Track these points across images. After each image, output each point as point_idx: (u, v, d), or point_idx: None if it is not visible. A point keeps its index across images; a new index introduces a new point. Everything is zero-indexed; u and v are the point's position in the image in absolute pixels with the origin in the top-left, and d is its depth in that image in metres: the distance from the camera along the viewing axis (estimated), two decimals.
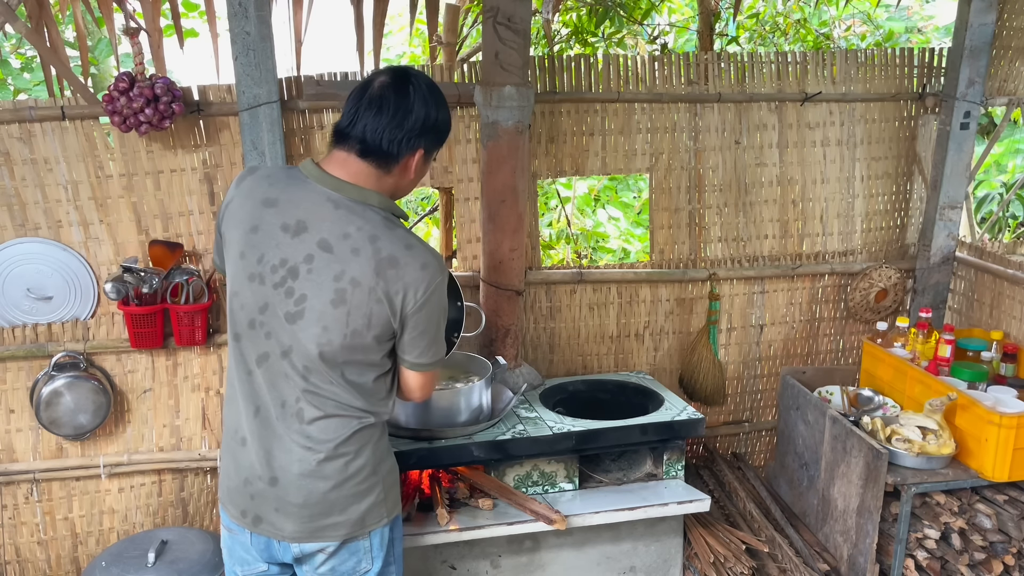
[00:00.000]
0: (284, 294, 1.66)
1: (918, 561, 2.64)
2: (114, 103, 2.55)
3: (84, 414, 2.77)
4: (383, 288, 1.63)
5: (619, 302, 3.27)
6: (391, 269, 1.62)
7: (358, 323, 1.64)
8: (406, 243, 1.65)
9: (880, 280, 3.36)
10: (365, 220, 1.64)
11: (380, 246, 1.63)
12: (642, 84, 3.09)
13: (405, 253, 1.64)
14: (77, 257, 2.77)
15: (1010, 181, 6.04)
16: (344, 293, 1.63)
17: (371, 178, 1.68)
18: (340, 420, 1.73)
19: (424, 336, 1.72)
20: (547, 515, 2.45)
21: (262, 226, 1.67)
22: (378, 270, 1.62)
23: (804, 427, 3.03)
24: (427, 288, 1.66)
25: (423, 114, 1.66)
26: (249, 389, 1.74)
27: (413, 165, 1.71)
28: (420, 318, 1.68)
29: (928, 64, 3.30)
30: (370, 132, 1.64)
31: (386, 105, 1.64)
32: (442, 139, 1.76)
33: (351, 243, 1.63)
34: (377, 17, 2.93)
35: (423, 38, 5.44)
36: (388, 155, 1.66)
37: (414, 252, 1.65)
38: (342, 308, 1.63)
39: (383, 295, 1.63)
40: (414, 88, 1.66)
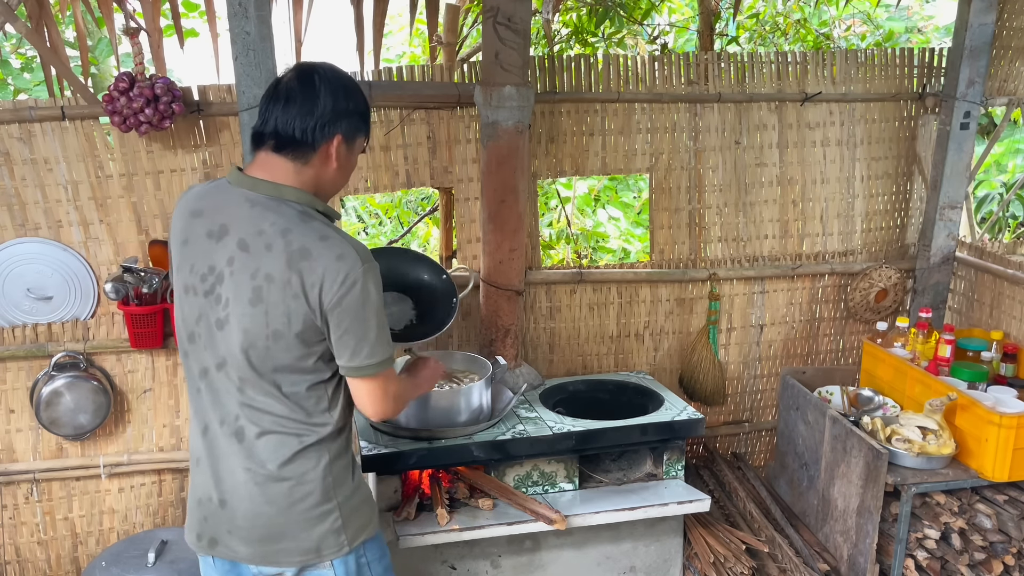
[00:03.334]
0: (213, 301, 1.63)
1: (918, 561, 2.64)
2: (114, 103, 2.55)
3: (84, 414, 2.77)
4: (297, 281, 1.56)
5: (619, 302, 3.27)
6: (303, 261, 1.56)
7: (278, 322, 1.58)
8: (320, 234, 1.59)
9: (880, 280, 3.36)
10: (279, 215, 1.60)
11: (291, 239, 1.57)
12: (642, 84, 3.09)
13: (318, 244, 1.57)
14: (77, 257, 2.77)
15: (1010, 181, 6.04)
16: (260, 291, 1.58)
17: (290, 173, 1.63)
18: (279, 437, 1.65)
19: (350, 335, 1.60)
20: (547, 515, 2.45)
21: (191, 237, 1.65)
22: (290, 263, 1.56)
23: (804, 427, 3.03)
24: (344, 279, 1.56)
25: (331, 101, 1.63)
26: (198, 406, 1.71)
27: (333, 153, 1.65)
28: (342, 314, 1.58)
29: (928, 64, 3.30)
30: (281, 125, 1.62)
31: (293, 97, 1.62)
32: (360, 125, 1.70)
33: (264, 239, 1.58)
34: (377, 17, 2.93)
35: (423, 38, 5.44)
36: (303, 144, 1.62)
37: (329, 243, 1.58)
38: (260, 307, 1.58)
39: (299, 289, 1.56)
40: (320, 77, 1.64)
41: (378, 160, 2.93)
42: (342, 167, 1.71)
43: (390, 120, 2.89)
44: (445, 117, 2.93)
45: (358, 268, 1.58)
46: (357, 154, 1.75)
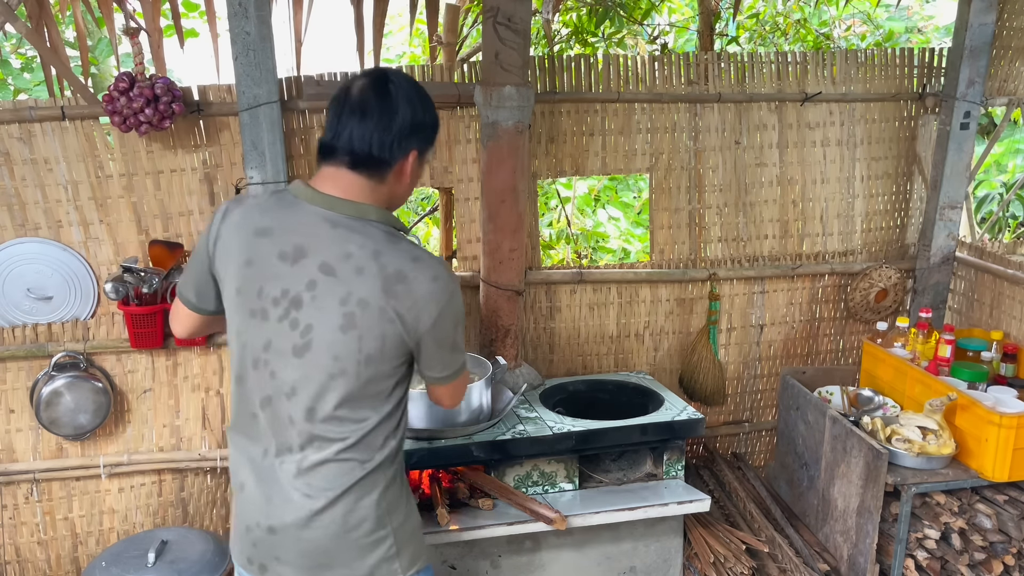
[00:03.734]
0: (289, 326, 1.54)
1: (918, 561, 2.64)
2: (114, 103, 2.55)
3: (84, 414, 2.77)
4: (394, 306, 1.51)
5: (619, 302, 3.27)
6: (399, 284, 1.51)
7: (371, 347, 1.52)
8: (412, 256, 1.54)
9: (880, 280, 3.36)
10: (366, 237, 1.53)
11: (385, 262, 1.51)
12: (642, 84, 3.09)
13: (412, 267, 1.52)
14: (77, 257, 2.77)
15: (1010, 181, 6.04)
16: (353, 317, 1.51)
17: (365, 190, 1.56)
18: (342, 466, 1.58)
19: (442, 349, 1.62)
20: (547, 515, 2.45)
21: (257, 258, 1.56)
22: (386, 287, 1.50)
23: (804, 427, 3.03)
24: (440, 301, 1.55)
25: (409, 114, 1.55)
26: (253, 433, 1.63)
27: (408, 169, 1.60)
28: (438, 333, 1.57)
29: (928, 64, 3.30)
30: (357, 141, 1.53)
31: (369, 110, 1.53)
32: (432, 137, 1.64)
33: (354, 263, 1.51)
34: (377, 17, 2.93)
35: (423, 38, 5.44)
36: (380, 162, 1.55)
37: (421, 264, 1.53)
38: (352, 333, 1.51)
39: (395, 314, 1.51)
40: (395, 87, 1.55)
41: None
42: (412, 182, 1.65)
43: None
44: (445, 117, 2.93)
45: (450, 287, 1.57)
46: (424, 165, 1.68)
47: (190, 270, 1.69)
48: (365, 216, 1.55)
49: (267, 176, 2.69)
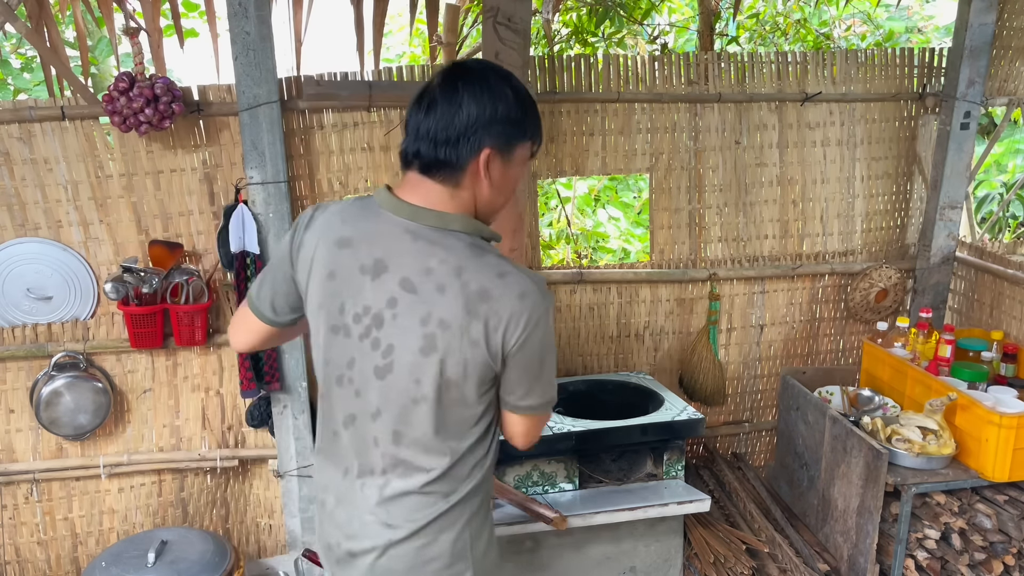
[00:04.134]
0: (370, 346, 1.44)
1: (918, 561, 2.64)
2: (114, 103, 2.55)
3: (84, 414, 2.77)
4: (478, 328, 1.38)
5: (619, 302, 3.27)
6: (483, 304, 1.37)
7: (453, 372, 1.41)
8: (498, 271, 1.39)
9: (880, 280, 3.36)
10: (448, 250, 1.40)
11: (467, 279, 1.38)
12: (642, 84, 3.09)
13: (498, 283, 1.38)
14: (77, 257, 2.77)
15: (1010, 181, 6.04)
16: (434, 339, 1.39)
17: (444, 197, 1.42)
18: (426, 499, 1.49)
19: (528, 374, 1.46)
20: (547, 515, 2.45)
21: (339, 271, 1.46)
22: (468, 307, 1.37)
23: (804, 427, 3.02)
24: (528, 320, 1.39)
25: (475, 108, 1.38)
26: (335, 452, 1.56)
27: (483, 171, 1.41)
28: (522, 356, 1.42)
29: (928, 64, 3.29)
30: (423, 143, 1.40)
31: (433, 107, 1.40)
32: (514, 132, 1.44)
33: (435, 279, 1.39)
34: (377, 17, 2.93)
35: (423, 38, 5.44)
36: (447, 164, 1.40)
37: (508, 280, 1.39)
38: (433, 356, 1.40)
39: (479, 336, 1.39)
40: (462, 81, 1.40)
41: (378, 160, 2.92)
42: (498, 185, 1.46)
43: (390, 120, 2.89)
44: None
45: (540, 306, 1.41)
46: (520, 167, 1.50)
47: (266, 279, 1.60)
48: (447, 226, 1.42)
49: (267, 176, 2.69)
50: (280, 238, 2.76)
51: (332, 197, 2.91)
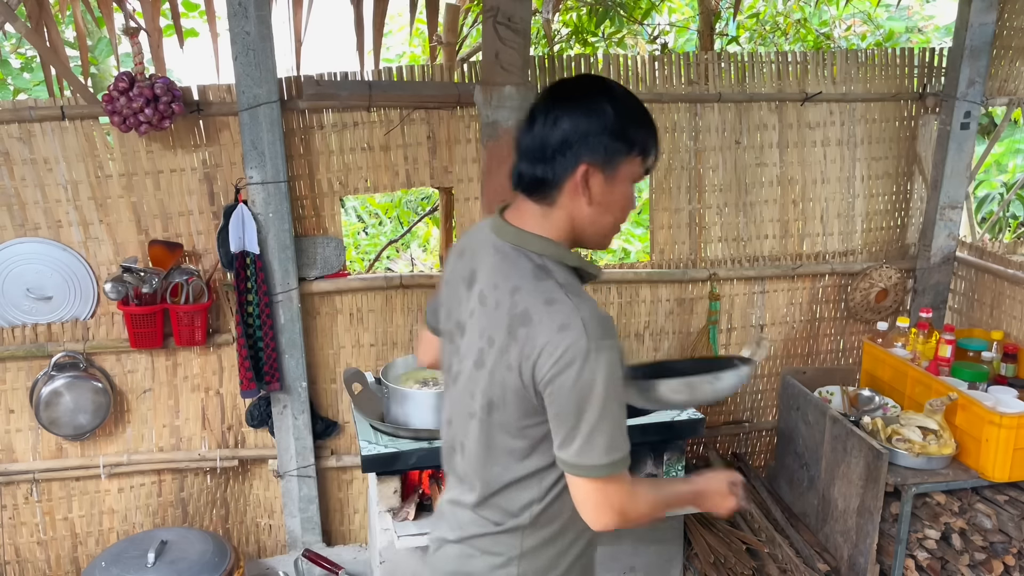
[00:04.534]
0: (454, 352, 1.48)
1: (918, 561, 2.64)
2: (114, 103, 2.55)
3: (84, 414, 2.77)
4: (514, 351, 1.31)
5: (619, 302, 3.26)
6: (522, 327, 1.31)
7: (493, 392, 1.36)
8: (548, 297, 1.31)
9: (880, 280, 3.36)
10: (515, 268, 1.36)
11: (517, 299, 1.33)
12: (642, 84, 3.09)
13: (542, 309, 1.30)
14: (77, 257, 2.77)
15: (1010, 181, 6.04)
16: (483, 354, 1.37)
17: (537, 216, 1.38)
18: (475, 516, 1.47)
19: (561, 419, 1.31)
20: None
21: (451, 279, 1.50)
22: (510, 328, 1.32)
23: (804, 427, 3.02)
24: (561, 355, 1.27)
25: (568, 121, 1.32)
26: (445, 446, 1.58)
27: (580, 188, 1.34)
28: (554, 394, 1.30)
29: (928, 64, 3.29)
30: (523, 162, 1.37)
31: (531, 125, 1.36)
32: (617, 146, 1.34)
33: (496, 295, 1.36)
34: (377, 17, 2.93)
35: (423, 38, 5.44)
36: (542, 182, 1.35)
37: (554, 308, 1.29)
38: (482, 371, 1.37)
39: (514, 360, 1.32)
40: (559, 96, 1.36)
41: (378, 160, 2.92)
42: (600, 203, 1.37)
43: (390, 120, 2.89)
44: (445, 117, 2.93)
45: (580, 345, 1.27)
46: (627, 183, 1.39)
47: (438, 291, 1.61)
48: (524, 245, 1.38)
49: (267, 176, 2.69)
50: (280, 238, 2.77)
51: (332, 197, 2.91)
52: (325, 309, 2.97)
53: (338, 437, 3.09)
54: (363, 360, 3.05)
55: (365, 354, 3.05)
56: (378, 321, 3.04)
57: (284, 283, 2.80)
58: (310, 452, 2.98)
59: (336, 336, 3.01)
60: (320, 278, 2.92)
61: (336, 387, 3.05)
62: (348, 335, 3.02)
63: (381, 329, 3.05)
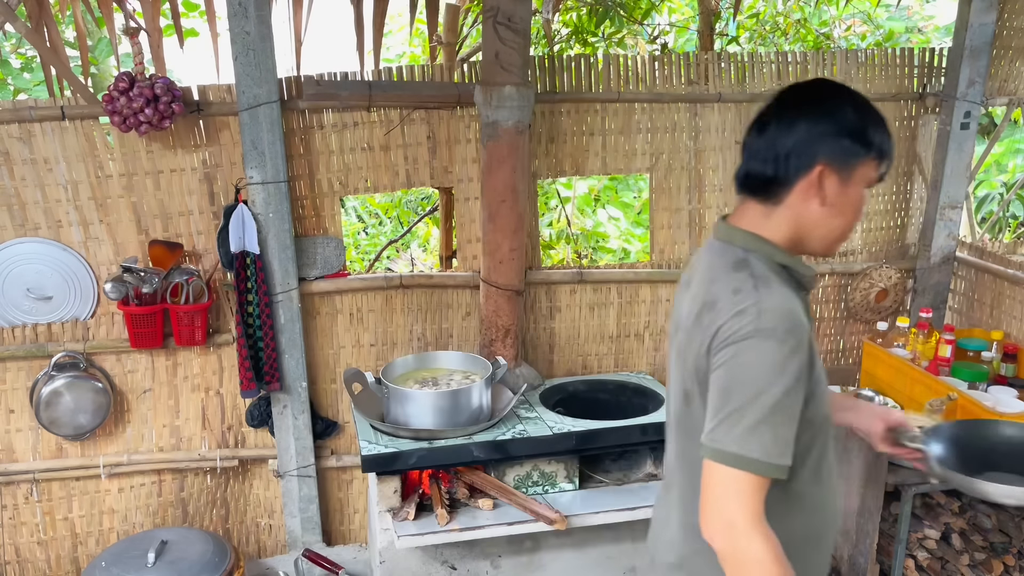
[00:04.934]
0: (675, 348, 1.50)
1: (918, 561, 2.64)
2: (114, 103, 2.55)
3: (84, 414, 2.77)
4: (700, 338, 1.33)
5: (619, 302, 3.26)
6: (708, 314, 1.32)
7: (688, 382, 1.38)
8: (735, 287, 1.31)
9: (880, 280, 3.36)
10: (719, 261, 1.38)
11: (711, 289, 1.34)
12: (642, 84, 3.09)
13: (727, 297, 1.31)
14: (77, 257, 2.77)
15: (1010, 181, 6.04)
16: (681, 346, 1.40)
17: (757, 215, 1.38)
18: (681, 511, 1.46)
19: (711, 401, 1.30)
20: (547, 515, 2.45)
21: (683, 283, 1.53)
22: (699, 315, 1.34)
23: None
24: (729, 336, 1.27)
25: (805, 122, 1.33)
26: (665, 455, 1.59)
27: (815, 188, 1.33)
28: (713, 372, 1.30)
29: (928, 64, 3.29)
30: (750, 159, 1.38)
31: (766, 124, 1.38)
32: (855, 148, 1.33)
33: (698, 288, 1.39)
34: (377, 17, 2.93)
35: (423, 38, 5.44)
36: (772, 181, 1.35)
37: (738, 297, 1.29)
38: (680, 363, 1.41)
39: (699, 347, 1.33)
40: (796, 98, 1.38)
41: (378, 160, 2.92)
42: (834, 204, 1.34)
43: (390, 120, 2.89)
44: (445, 117, 2.93)
45: (747, 329, 1.26)
46: (861, 186, 1.36)
47: None
48: (729, 240, 1.40)
49: (267, 176, 2.69)
50: (280, 238, 2.76)
51: (332, 197, 2.92)
52: (325, 309, 2.98)
53: (338, 437, 3.09)
54: (363, 360, 3.05)
55: (365, 354, 3.06)
56: (378, 321, 3.04)
57: (284, 283, 2.80)
58: (310, 452, 2.98)
59: (336, 336, 3.01)
60: (320, 278, 2.92)
61: (336, 387, 3.05)
62: (348, 335, 3.03)
63: (381, 329, 3.05)
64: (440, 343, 3.10)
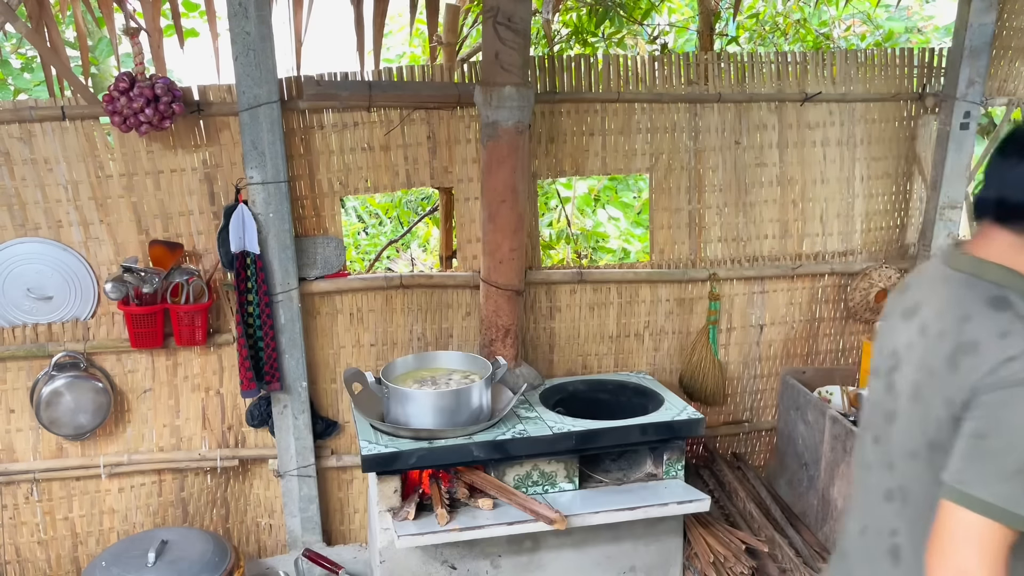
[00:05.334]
0: (885, 388, 1.38)
1: None
2: (114, 103, 2.55)
3: (84, 414, 2.77)
4: (954, 384, 1.21)
5: (619, 302, 3.27)
6: (967, 358, 1.20)
7: (934, 430, 1.25)
8: (1002, 330, 1.19)
9: (880, 280, 3.36)
10: (968, 297, 1.26)
11: (967, 328, 1.23)
12: (642, 84, 3.09)
13: (994, 340, 1.19)
14: (77, 257, 2.77)
15: None
16: (920, 386, 1.27)
17: (1005, 246, 1.27)
18: None
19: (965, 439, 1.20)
20: (547, 515, 2.46)
21: (889, 314, 1.44)
22: (953, 357, 1.22)
23: (804, 427, 3.03)
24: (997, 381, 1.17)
25: None
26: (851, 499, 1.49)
27: None
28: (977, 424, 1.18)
29: (928, 64, 3.30)
30: (1010, 187, 1.26)
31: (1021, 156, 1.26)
32: None
33: (941, 324, 1.28)
34: (377, 17, 2.94)
35: (423, 38, 5.44)
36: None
37: (1008, 340, 1.18)
38: (918, 406, 1.28)
39: (951, 394, 1.21)
40: None
41: (378, 160, 2.93)
42: None
43: (390, 120, 2.89)
44: (445, 117, 2.93)
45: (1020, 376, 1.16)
46: None
47: None
48: (980, 274, 1.28)
49: (267, 176, 2.69)
50: (280, 238, 2.77)
51: (332, 197, 2.92)
52: (325, 309, 2.98)
53: (338, 437, 3.10)
54: (363, 360, 3.05)
55: (365, 354, 3.06)
56: (378, 321, 3.04)
57: (284, 283, 2.80)
58: (310, 452, 2.98)
59: (336, 336, 3.02)
60: (320, 278, 2.92)
61: (336, 387, 3.05)
62: (348, 335, 3.03)
63: (381, 329, 3.05)
64: (440, 343, 3.11)
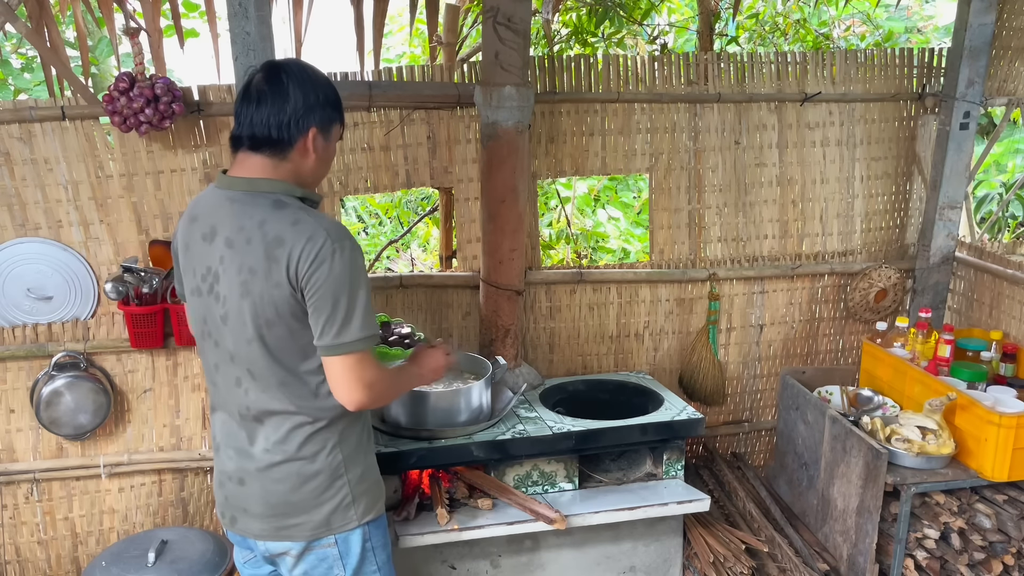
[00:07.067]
0: (214, 299, 1.71)
1: (918, 561, 2.64)
2: (114, 103, 2.55)
3: (84, 414, 2.77)
4: (276, 269, 1.62)
5: (619, 302, 3.27)
6: (278, 248, 1.62)
7: (268, 312, 1.65)
8: (293, 220, 1.63)
9: (880, 280, 3.36)
10: (255, 207, 1.66)
11: (267, 229, 1.63)
12: (642, 84, 3.09)
13: (290, 229, 1.62)
14: (77, 257, 2.77)
15: (1010, 181, 6.04)
16: (247, 284, 1.65)
17: (267, 168, 1.70)
18: (290, 420, 1.73)
19: (320, 312, 1.64)
20: (547, 515, 2.46)
21: (191, 243, 1.75)
22: (267, 253, 1.62)
23: (804, 427, 3.03)
24: (314, 258, 1.60)
25: (300, 96, 1.69)
26: (215, 398, 1.82)
27: (310, 146, 1.71)
28: (312, 292, 1.63)
29: (928, 64, 3.30)
30: (257, 126, 1.68)
31: (264, 98, 1.68)
32: (333, 115, 1.75)
33: (245, 234, 1.65)
34: (377, 17, 2.94)
35: (423, 38, 5.44)
36: (279, 142, 1.68)
37: (300, 226, 1.62)
38: (248, 299, 1.65)
39: (279, 277, 1.62)
40: (287, 75, 1.70)
41: (378, 160, 2.93)
42: (321, 157, 1.76)
43: (390, 120, 2.89)
44: (445, 117, 2.93)
45: (327, 246, 1.61)
46: (335, 142, 1.80)
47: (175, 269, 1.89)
48: (257, 189, 1.68)
49: None
50: None
51: (332, 197, 2.92)
52: None
53: None
54: None
55: None
56: None
57: None
58: None
59: None
60: None
61: None
62: None
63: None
64: None
